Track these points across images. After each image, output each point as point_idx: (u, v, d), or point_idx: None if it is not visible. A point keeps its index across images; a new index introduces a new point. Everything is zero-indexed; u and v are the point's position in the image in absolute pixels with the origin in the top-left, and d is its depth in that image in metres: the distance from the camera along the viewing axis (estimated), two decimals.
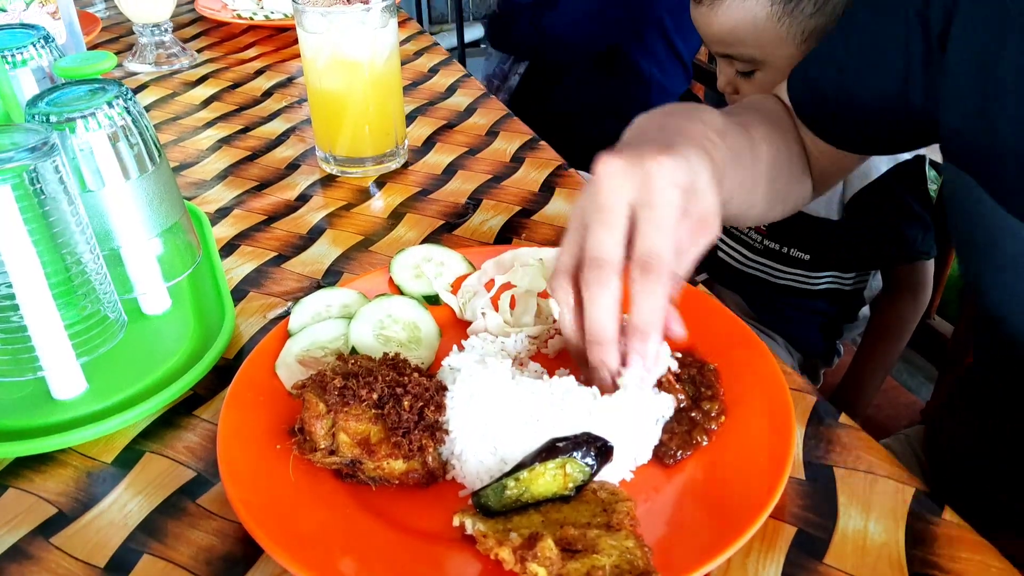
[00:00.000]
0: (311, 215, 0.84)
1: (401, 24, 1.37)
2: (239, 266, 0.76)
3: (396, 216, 0.83)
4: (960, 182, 0.58)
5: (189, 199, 0.87)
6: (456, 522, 0.46)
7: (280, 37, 1.35)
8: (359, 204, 0.86)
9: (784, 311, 1.28)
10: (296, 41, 0.89)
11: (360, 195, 0.88)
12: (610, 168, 0.49)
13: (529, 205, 0.85)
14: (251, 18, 1.37)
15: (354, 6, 0.83)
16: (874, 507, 0.50)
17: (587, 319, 0.50)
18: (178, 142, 1.01)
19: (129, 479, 0.54)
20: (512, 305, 0.65)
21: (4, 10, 1.01)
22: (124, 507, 0.52)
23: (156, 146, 0.62)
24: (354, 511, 0.49)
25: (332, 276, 0.74)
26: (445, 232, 0.80)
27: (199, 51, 1.30)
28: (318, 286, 0.72)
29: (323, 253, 0.78)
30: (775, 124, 0.72)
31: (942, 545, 0.47)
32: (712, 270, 1.35)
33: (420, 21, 3.51)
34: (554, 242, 0.78)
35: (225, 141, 1.01)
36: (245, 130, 1.04)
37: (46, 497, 0.53)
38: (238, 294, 0.72)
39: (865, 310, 1.31)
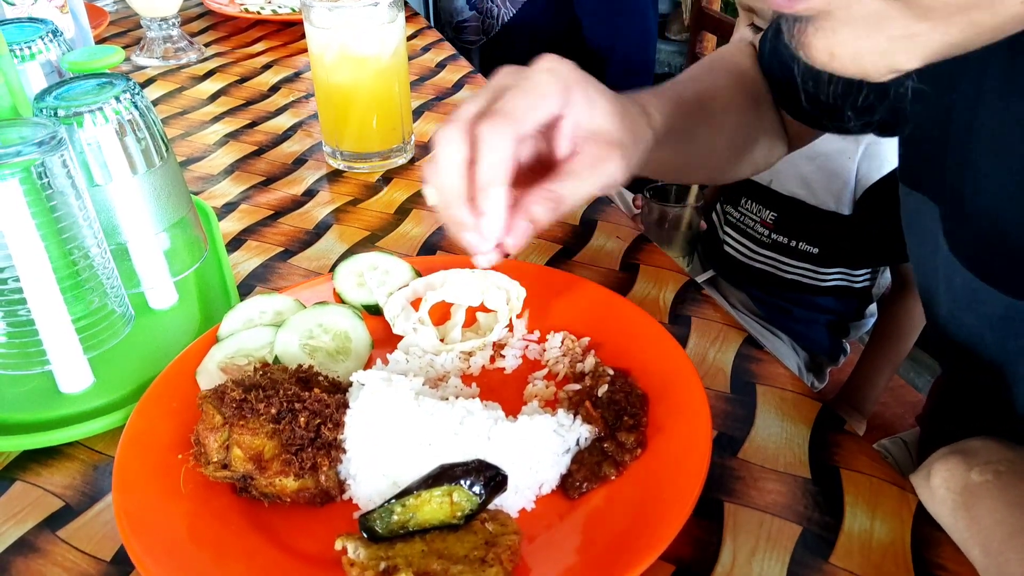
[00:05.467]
0: (318, 210, 0.84)
1: (408, 19, 1.37)
2: (246, 261, 0.76)
3: (403, 211, 0.83)
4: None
5: (196, 194, 0.87)
6: (338, 546, 0.45)
7: (288, 32, 1.35)
8: (366, 199, 0.86)
9: (791, 310, 1.27)
10: (303, 36, 0.89)
11: (367, 190, 0.88)
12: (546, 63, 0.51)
13: None
14: (259, 12, 1.37)
15: (361, 1, 0.83)
16: (880, 507, 0.50)
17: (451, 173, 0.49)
18: (185, 136, 1.01)
19: None
20: (441, 321, 0.64)
21: (13, 4, 1.01)
22: None
23: (163, 141, 0.62)
24: (239, 528, 0.47)
25: None
26: None
27: (207, 45, 1.30)
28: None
29: (329, 248, 0.78)
30: (742, 86, 0.71)
31: (949, 547, 0.47)
32: (718, 266, 1.34)
33: (427, 17, 3.51)
34: (560, 239, 0.78)
35: (232, 136, 1.01)
36: (252, 125, 1.04)
37: (53, 490, 0.53)
38: (244, 289, 0.72)
39: (872, 308, 1.30)
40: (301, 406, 0.49)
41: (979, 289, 0.53)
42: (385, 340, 0.62)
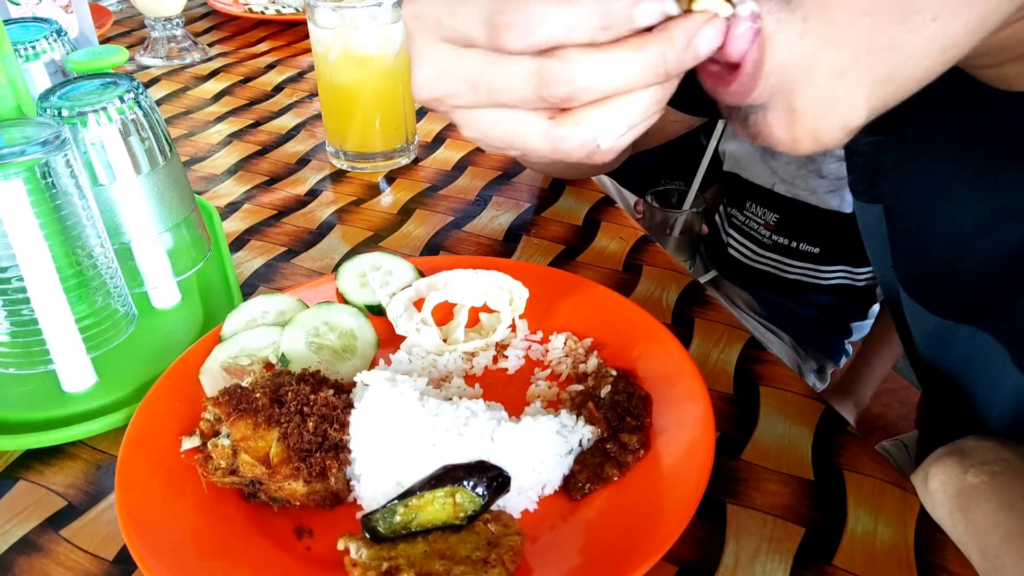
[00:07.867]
0: (321, 210, 0.84)
1: None
2: (249, 261, 0.76)
3: (406, 212, 0.83)
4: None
5: (199, 193, 0.87)
6: (341, 546, 0.45)
7: (291, 31, 1.35)
8: (369, 200, 0.86)
9: (793, 309, 1.27)
10: (307, 36, 0.89)
11: (370, 191, 0.88)
12: None
13: (539, 202, 0.84)
14: (263, 12, 1.37)
15: (365, 1, 0.83)
16: (883, 509, 0.49)
17: None
18: (189, 136, 1.01)
19: None
20: (444, 321, 0.64)
21: (18, 3, 1.02)
22: None
23: (167, 141, 0.62)
24: (241, 526, 0.48)
25: None
26: (454, 229, 0.80)
27: (210, 45, 1.31)
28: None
29: (332, 248, 0.78)
30: None
31: (952, 549, 0.47)
32: (721, 266, 1.34)
33: None
34: (563, 239, 0.78)
35: (236, 136, 1.01)
36: (255, 125, 1.04)
37: (56, 489, 0.53)
38: (248, 289, 0.72)
39: (875, 308, 1.30)
40: (309, 410, 0.49)
41: (913, 307, 0.54)
42: (388, 340, 0.62)
